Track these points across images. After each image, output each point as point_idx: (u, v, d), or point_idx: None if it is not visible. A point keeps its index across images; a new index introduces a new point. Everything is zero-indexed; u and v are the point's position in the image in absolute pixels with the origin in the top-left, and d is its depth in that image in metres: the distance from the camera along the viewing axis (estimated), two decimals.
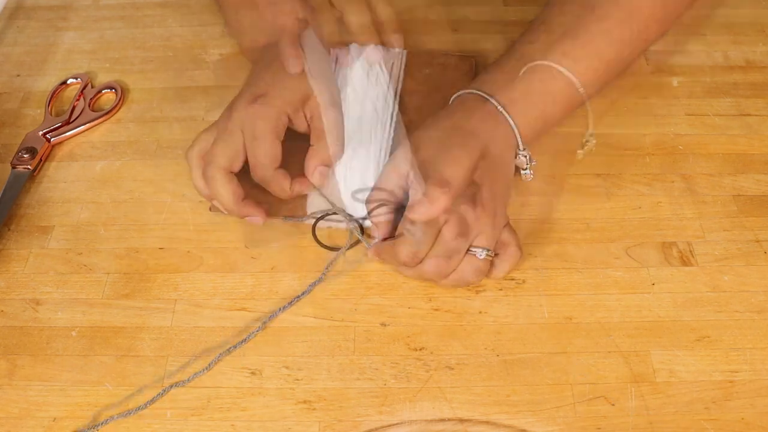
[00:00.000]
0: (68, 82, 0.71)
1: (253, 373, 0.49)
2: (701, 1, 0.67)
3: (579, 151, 0.58)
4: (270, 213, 0.56)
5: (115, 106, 0.68)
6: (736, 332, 0.50)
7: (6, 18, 0.79)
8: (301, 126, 0.56)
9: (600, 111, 0.63)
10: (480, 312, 0.52)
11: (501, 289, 0.53)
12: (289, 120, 0.55)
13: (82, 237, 0.58)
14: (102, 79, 0.72)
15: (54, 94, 0.69)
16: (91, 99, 0.69)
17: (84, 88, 0.70)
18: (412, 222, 0.49)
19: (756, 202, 0.58)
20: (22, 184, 0.61)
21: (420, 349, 0.50)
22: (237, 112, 0.54)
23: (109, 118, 0.67)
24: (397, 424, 0.47)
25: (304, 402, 0.48)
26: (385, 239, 0.52)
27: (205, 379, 0.49)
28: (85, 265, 0.56)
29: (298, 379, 0.49)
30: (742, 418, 0.46)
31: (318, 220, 0.56)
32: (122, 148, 0.65)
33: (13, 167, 0.62)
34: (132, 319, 0.52)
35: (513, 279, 0.54)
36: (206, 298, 0.54)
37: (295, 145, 0.55)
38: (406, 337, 0.51)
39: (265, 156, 0.53)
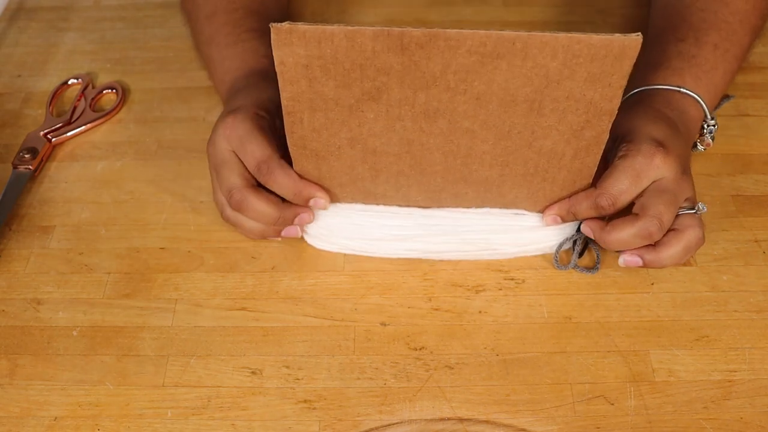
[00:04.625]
0: (69, 82, 0.71)
1: (253, 373, 0.49)
2: None
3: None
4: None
5: (116, 106, 0.68)
6: (734, 332, 0.50)
7: (7, 19, 0.79)
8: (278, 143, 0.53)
9: None
10: (480, 312, 0.52)
11: (501, 289, 0.53)
12: (275, 124, 0.52)
13: (83, 237, 0.58)
14: (103, 79, 0.72)
15: (55, 95, 0.69)
16: (92, 99, 0.69)
17: (85, 88, 0.70)
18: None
19: (755, 202, 0.58)
20: (23, 184, 0.61)
21: (420, 349, 0.50)
22: (218, 136, 0.52)
23: (110, 119, 0.68)
24: (397, 423, 0.47)
25: (305, 401, 0.48)
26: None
27: (206, 378, 0.49)
28: (86, 265, 0.56)
29: (298, 379, 0.49)
30: (741, 418, 0.46)
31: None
32: (123, 149, 0.65)
33: (15, 167, 0.62)
34: (133, 319, 0.52)
35: (513, 279, 0.54)
36: (207, 297, 0.54)
37: None
38: (406, 337, 0.51)
39: (261, 146, 0.50)
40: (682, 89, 0.55)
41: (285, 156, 0.51)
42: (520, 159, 0.49)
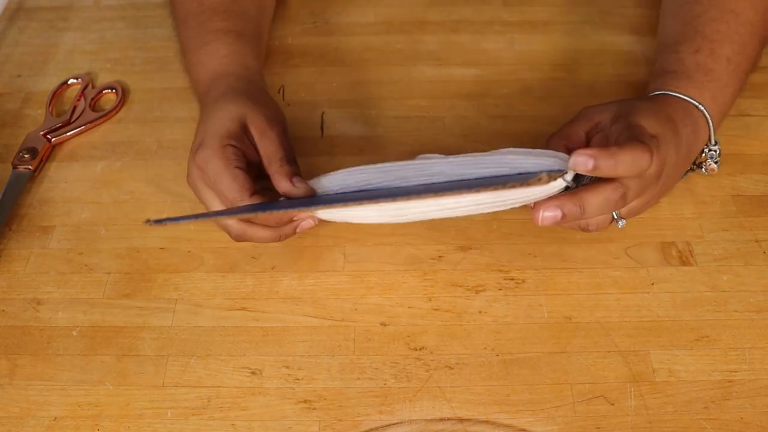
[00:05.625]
0: (69, 82, 0.71)
1: (253, 373, 0.49)
2: None
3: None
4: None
5: (116, 106, 0.68)
6: (735, 332, 0.50)
7: (7, 19, 0.79)
8: (254, 155, 0.53)
9: None
10: (480, 312, 0.52)
11: (501, 289, 0.53)
12: (242, 150, 0.52)
13: (83, 237, 0.58)
14: (103, 79, 0.72)
15: (55, 95, 0.69)
16: (91, 99, 0.69)
17: (85, 88, 0.70)
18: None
19: (755, 202, 0.58)
20: (23, 184, 0.61)
21: (420, 349, 0.50)
22: (193, 174, 0.52)
23: (109, 119, 0.68)
24: (397, 423, 0.47)
25: (305, 401, 0.48)
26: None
27: (206, 378, 0.49)
28: (86, 265, 0.56)
29: (298, 379, 0.49)
30: (741, 418, 0.46)
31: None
32: (123, 149, 0.65)
33: (14, 167, 0.62)
34: (133, 319, 0.52)
35: (513, 279, 0.54)
36: (207, 297, 0.54)
37: None
38: (406, 337, 0.51)
39: (231, 187, 0.50)
40: (700, 106, 0.55)
41: (261, 172, 0.52)
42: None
